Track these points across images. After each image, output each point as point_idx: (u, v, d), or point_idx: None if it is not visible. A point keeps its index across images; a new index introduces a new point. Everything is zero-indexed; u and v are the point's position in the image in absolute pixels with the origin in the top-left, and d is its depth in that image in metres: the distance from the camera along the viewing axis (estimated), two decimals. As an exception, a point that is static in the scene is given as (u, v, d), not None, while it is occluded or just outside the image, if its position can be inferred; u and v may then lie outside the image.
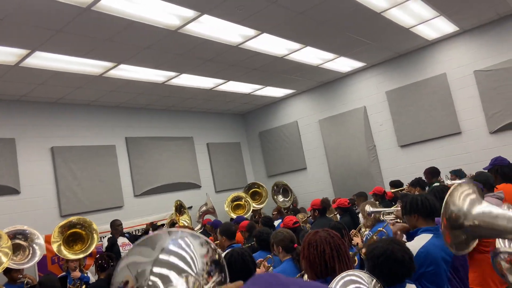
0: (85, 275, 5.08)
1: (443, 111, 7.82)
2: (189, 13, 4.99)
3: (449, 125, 7.76)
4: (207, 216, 8.15)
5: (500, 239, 1.77)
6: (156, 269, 0.85)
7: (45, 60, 5.57)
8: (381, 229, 3.58)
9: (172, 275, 0.84)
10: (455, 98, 7.71)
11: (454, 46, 7.77)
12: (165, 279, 0.84)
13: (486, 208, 1.49)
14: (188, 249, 0.89)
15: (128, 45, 5.59)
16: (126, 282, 0.86)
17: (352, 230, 4.01)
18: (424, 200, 2.57)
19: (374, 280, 1.20)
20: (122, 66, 6.26)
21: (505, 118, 7.14)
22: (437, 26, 7.11)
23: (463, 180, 4.59)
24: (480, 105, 7.43)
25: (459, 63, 7.69)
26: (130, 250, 0.90)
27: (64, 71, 6.02)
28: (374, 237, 3.56)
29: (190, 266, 0.87)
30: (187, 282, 0.85)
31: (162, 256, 0.87)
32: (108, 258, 4.52)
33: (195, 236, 0.91)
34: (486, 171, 4.11)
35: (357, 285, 1.14)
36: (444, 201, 1.51)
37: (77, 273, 5.04)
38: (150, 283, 0.84)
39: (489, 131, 7.35)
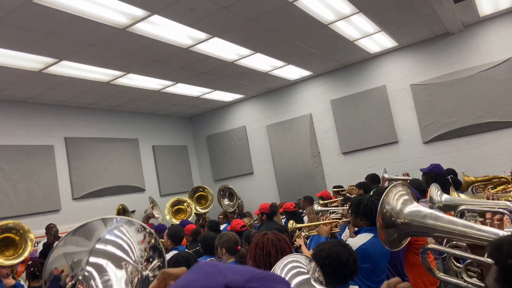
0: (19, 282, 4.76)
1: (382, 121, 8.27)
2: (139, 12, 4.88)
3: (387, 134, 8.23)
4: (151, 220, 7.96)
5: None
6: (93, 259, 0.85)
7: (-23, 51, 5.17)
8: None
9: (109, 264, 0.84)
10: (393, 109, 8.20)
11: (393, 60, 8.27)
12: (101, 269, 0.83)
13: (416, 208, 1.61)
14: (125, 237, 0.88)
15: (72, 41, 5.34)
16: (61, 271, 0.85)
17: (297, 232, 4.12)
18: (372, 205, 2.73)
19: (313, 263, 1.26)
20: (64, 62, 5.96)
21: (437, 129, 7.70)
22: (378, 40, 7.53)
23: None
24: (415, 116, 7.96)
25: (397, 76, 8.19)
26: (65, 239, 0.88)
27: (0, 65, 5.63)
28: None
29: (128, 254, 0.87)
30: (126, 270, 0.85)
31: (99, 246, 0.86)
32: (41, 265, 4.27)
33: (130, 223, 0.91)
34: (423, 172, 4.42)
35: (298, 269, 1.20)
36: (381, 201, 1.61)
37: (11, 281, 4.69)
38: (86, 273, 0.83)
39: (423, 141, 7.89)
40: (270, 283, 0.50)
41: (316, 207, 4.69)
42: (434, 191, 2.30)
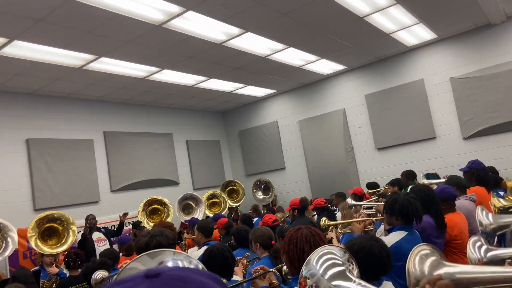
0: (62, 270, 4.98)
1: (419, 116, 8.03)
2: (174, 8, 4.96)
3: (425, 130, 7.98)
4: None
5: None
6: None
7: (24, 49, 5.42)
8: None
9: None
10: (431, 104, 7.94)
11: (432, 53, 7.99)
12: None
13: (447, 269, 1.47)
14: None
15: (110, 38, 5.51)
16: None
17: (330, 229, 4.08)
18: (408, 205, 2.65)
19: (348, 254, 1.25)
20: (103, 59, 6.16)
21: (478, 125, 7.40)
22: (416, 32, 7.30)
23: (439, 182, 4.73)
24: (454, 111, 7.67)
25: (436, 69, 7.91)
26: (137, 258, 0.95)
27: (43, 62, 5.88)
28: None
29: None
30: None
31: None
32: (76, 256, 4.43)
33: (199, 263, 0.96)
34: (462, 172, 4.25)
35: (333, 261, 1.19)
36: (407, 271, 1.49)
37: (54, 269, 4.91)
38: None
39: (462, 136, 7.60)
40: (187, 272, 0.55)
41: (350, 200, 4.61)
42: (481, 214, 2.17)
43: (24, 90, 7.00)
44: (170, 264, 0.91)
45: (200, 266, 0.95)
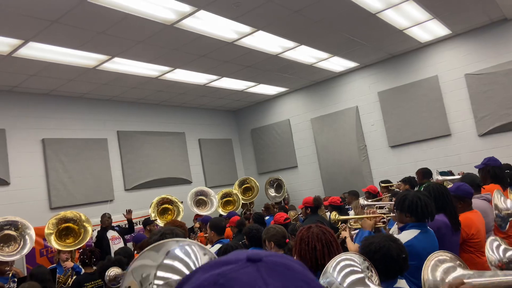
0: (78, 265, 5.07)
1: (434, 113, 7.93)
2: (186, 8, 4.98)
3: (439, 127, 7.87)
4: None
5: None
6: (160, 273, 0.88)
7: (38, 51, 5.52)
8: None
9: (176, 279, 0.86)
10: (445, 101, 7.83)
11: (446, 49, 7.87)
12: (169, 283, 0.86)
13: (461, 272, 1.47)
14: (193, 255, 0.91)
15: (123, 38, 5.56)
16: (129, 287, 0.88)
17: (342, 225, 4.06)
18: (417, 201, 2.61)
19: (367, 262, 1.24)
20: (116, 59, 6.22)
21: (494, 121, 7.27)
22: (430, 28, 7.20)
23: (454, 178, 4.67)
24: (470, 108, 7.55)
25: (450, 66, 7.80)
26: (139, 255, 0.93)
27: (57, 63, 5.97)
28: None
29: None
30: None
31: (167, 261, 0.89)
32: (91, 253, 4.49)
33: (201, 246, 0.94)
34: (478, 169, 4.17)
35: (351, 268, 1.18)
36: (422, 278, 1.49)
37: (69, 263, 5.02)
38: (154, 287, 0.86)
39: (478, 133, 7.48)
40: (286, 259, 0.54)
41: (362, 201, 4.57)
42: (498, 198, 2.13)
43: (40, 91, 7.12)
44: (178, 251, 0.90)
45: (206, 251, 0.94)
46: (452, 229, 2.87)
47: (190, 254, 0.90)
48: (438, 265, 1.48)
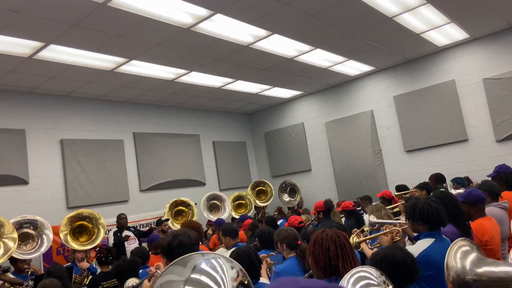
0: (93, 265, 5.14)
1: (451, 117, 7.82)
2: (203, 11, 5.04)
3: (456, 132, 7.77)
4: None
5: None
6: None
7: (58, 53, 5.65)
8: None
9: None
10: (463, 105, 7.72)
11: (464, 53, 7.77)
12: None
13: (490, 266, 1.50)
14: (219, 269, 0.92)
15: (141, 41, 5.65)
16: None
17: (355, 230, 4.03)
18: (428, 208, 2.57)
19: (384, 276, 1.24)
20: (133, 62, 6.32)
21: (512, 127, 7.14)
22: (447, 32, 7.12)
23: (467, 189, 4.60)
24: (487, 113, 7.43)
25: (468, 70, 7.69)
26: (166, 269, 0.94)
27: (76, 65, 6.10)
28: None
29: (220, 287, 0.90)
30: None
31: (194, 275, 0.90)
32: (107, 252, 4.54)
33: (227, 259, 0.95)
34: (490, 178, 4.11)
35: (368, 280, 1.18)
36: (445, 265, 1.52)
37: (85, 264, 5.09)
38: None
39: (495, 139, 7.35)
40: None
41: (372, 218, 4.35)
42: None
43: (59, 92, 7.27)
44: (204, 265, 0.91)
45: (233, 263, 0.95)
46: (461, 234, 2.80)
47: (217, 268, 0.91)
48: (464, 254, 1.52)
